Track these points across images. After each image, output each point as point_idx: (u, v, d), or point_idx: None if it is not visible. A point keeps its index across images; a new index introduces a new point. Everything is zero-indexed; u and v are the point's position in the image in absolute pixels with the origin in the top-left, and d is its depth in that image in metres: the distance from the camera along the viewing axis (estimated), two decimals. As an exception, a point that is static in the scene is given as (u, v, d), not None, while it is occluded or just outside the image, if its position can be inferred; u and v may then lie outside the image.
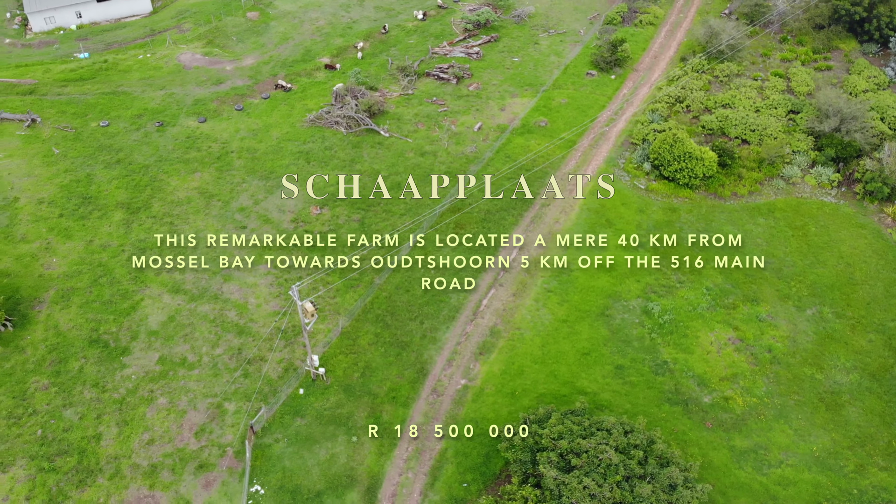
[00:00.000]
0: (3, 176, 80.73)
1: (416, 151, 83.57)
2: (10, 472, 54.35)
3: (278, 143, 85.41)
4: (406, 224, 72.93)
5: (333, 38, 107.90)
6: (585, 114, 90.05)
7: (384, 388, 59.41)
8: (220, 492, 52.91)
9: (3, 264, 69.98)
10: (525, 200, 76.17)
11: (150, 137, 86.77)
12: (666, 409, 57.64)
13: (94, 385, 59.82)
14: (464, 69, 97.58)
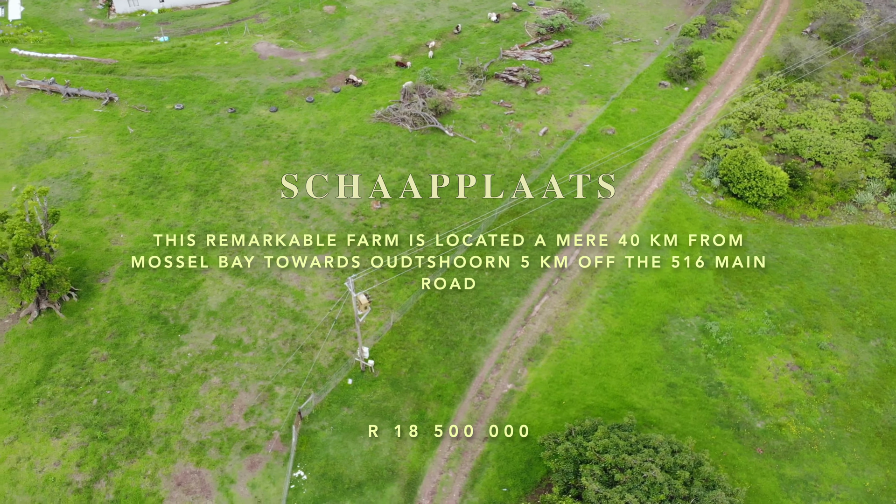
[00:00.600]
0: (79, 151, 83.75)
1: (479, 153, 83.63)
2: (63, 438, 56.37)
3: (345, 137, 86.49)
4: (464, 224, 73.05)
5: (406, 36, 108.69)
6: (655, 124, 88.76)
7: (430, 386, 59.65)
8: (264, 474, 53.91)
9: (73, 236, 72.57)
10: (585, 208, 75.49)
11: (223, 123, 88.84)
12: (716, 432, 56.42)
13: (151, 360, 61.58)
14: (533, 73, 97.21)
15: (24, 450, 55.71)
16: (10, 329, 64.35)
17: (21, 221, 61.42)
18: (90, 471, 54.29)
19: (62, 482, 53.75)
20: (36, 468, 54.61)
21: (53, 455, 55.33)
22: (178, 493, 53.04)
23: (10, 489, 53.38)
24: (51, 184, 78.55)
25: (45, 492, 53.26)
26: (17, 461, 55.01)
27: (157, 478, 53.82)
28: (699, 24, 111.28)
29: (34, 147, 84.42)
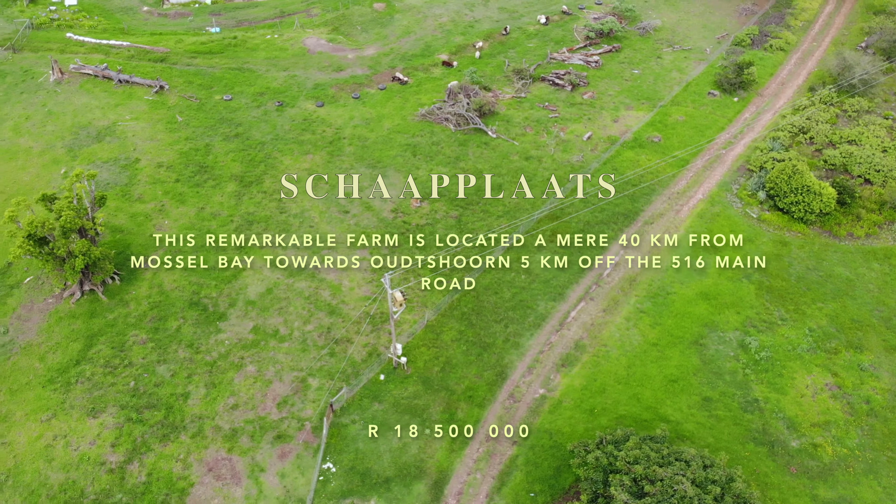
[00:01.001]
0: (129, 137, 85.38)
1: (522, 155, 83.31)
2: (100, 418, 57.49)
3: (388, 134, 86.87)
4: (502, 226, 72.86)
5: (454, 36, 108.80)
6: (703, 134, 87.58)
7: (462, 386, 59.59)
8: (294, 464, 54.38)
9: (119, 220, 73.97)
10: (627, 215, 74.77)
11: (269, 116, 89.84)
12: (750, 448, 55.44)
13: (189, 345, 62.50)
14: (580, 77, 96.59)
15: (60, 428, 56.95)
16: (53, 309, 65.83)
17: (69, 203, 62.77)
18: (124, 452, 55.30)
19: (96, 461, 54.83)
20: (71, 446, 55.78)
21: (89, 434, 56.47)
22: (209, 478, 53.77)
23: (45, 466, 54.62)
24: (99, 168, 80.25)
25: (79, 470, 54.38)
26: (53, 438, 56.26)
27: (188, 462, 54.64)
28: (752, 35, 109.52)
29: (84, 131, 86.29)
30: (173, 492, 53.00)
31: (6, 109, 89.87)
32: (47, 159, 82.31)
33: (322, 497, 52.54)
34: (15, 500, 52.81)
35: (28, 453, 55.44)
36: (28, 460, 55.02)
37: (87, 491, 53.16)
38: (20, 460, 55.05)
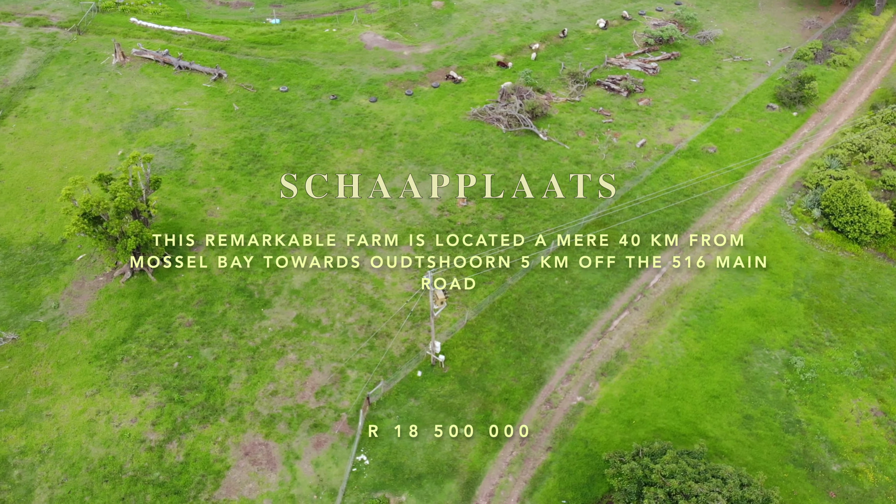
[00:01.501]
0: (186, 122, 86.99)
1: (572, 159, 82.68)
2: (142, 397, 58.73)
3: (439, 132, 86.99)
4: (548, 230, 72.41)
5: (510, 37, 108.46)
6: (759, 147, 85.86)
7: (498, 388, 59.40)
8: (329, 453, 54.84)
9: (172, 204, 75.43)
10: (677, 225, 73.67)
11: (323, 109, 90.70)
12: (789, 470, 54.20)
13: (233, 330, 63.45)
14: (637, 83, 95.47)
15: (104, 404, 58.33)
16: (104, 287, 67.42)
17: (124, 185, 64.20)
18: (164, 431, 56.40)
19: (137, 439, 56.02)
20: (113, 422, 57.08)
21: (131, 412, 57.72)
22: (245, 462, 54.53)
23: (87, 440, 55.99)
24: (155, 151, 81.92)
25: (119, 446, 55.62)
26: (96, 414, 57.64)
27: (226, 445, 55.48)
28: (815, 49, 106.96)
29: (143, 115, 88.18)
30: (209, 473, 53.89)
31: (68, 90, 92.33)
32: (105, 140, 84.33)
33: (354, 489, 52.90)
34: (56, 471, 54.26)
35: (71, 427, 56.91)
36: (70, 433, 56.47)
37: (125, 467, 54.35)
38: (63, 433, 56.54)
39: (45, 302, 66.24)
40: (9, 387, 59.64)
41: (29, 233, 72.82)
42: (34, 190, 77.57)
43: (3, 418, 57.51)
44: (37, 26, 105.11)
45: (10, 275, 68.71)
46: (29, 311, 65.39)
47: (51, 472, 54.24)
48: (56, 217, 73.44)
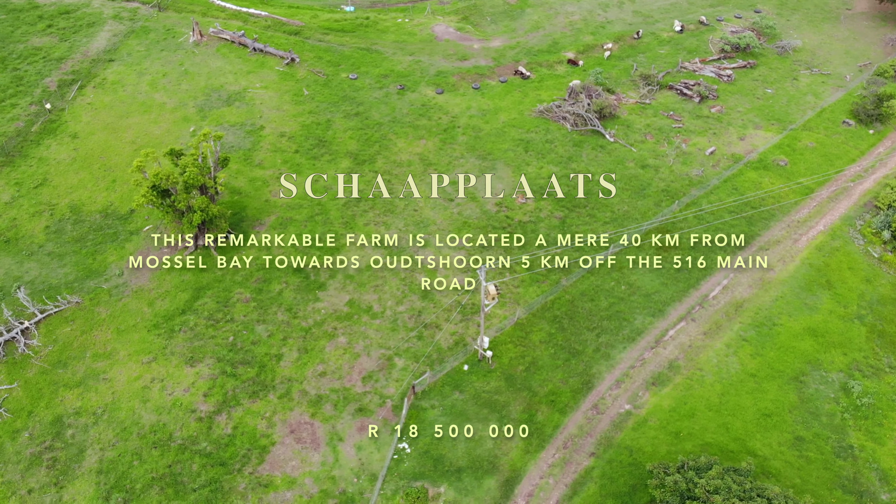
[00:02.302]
0: (256, 104, 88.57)
1: (638, 163, 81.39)
2: (196, 367, 60.18)
3: (503, 128, 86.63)
4: (608, 233, 71.50)
5: (583, 35, 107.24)
6: (832, 163, 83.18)
7: (545, 389, 59.01)
8: (371, 438, 55.36)
9: (238, 183, 76.95)
10: (743, 239, 71.88)
11: (390, 98, 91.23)
12: (837, 496, 52.53)
13: (288, 310, 64.48)
14: (710, 89, 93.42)
15: (159, 372, 59.96)
16: (168, 258, 69.20)
17: (194, 161, 65.69)
18: (215, 403, 57.71)
19: (188, 408, 57.45)
20: (167, 391, 58.65)
21: (185, 382, 59.21)
22: (290, 440, 55.45)
23: (140, 405, 57.67)
24: (226, 130, 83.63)
25: (170, 414, 57.13)
26: (151, 381, 59.30)
27: (273, 421, 56.49)
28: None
29: (216, 94, 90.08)
30: (255, 448, 54.96)
31: (146, 64, 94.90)
32: (178, 116, 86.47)
33: (394, 476, 53.29)
34: (108, 434, 56.04)
35: (126, 392, 58.68)
36: (125, 398, 58.24)
37: (175, 435, 55.82)
38: (118, 397, 58.34)
39: (109, 269, 68.39)
40: (69, 349, 61.79)
41: (99, 201, 75.24)
42: (107, 160, 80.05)
43: (61, 379, 59.65)
44: (119, 1, 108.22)
45: (79, 240, 71.12)
46: (94, 277, 67.60)
47: (103, 435, 56.05)
48: (126, 187, 75.70)
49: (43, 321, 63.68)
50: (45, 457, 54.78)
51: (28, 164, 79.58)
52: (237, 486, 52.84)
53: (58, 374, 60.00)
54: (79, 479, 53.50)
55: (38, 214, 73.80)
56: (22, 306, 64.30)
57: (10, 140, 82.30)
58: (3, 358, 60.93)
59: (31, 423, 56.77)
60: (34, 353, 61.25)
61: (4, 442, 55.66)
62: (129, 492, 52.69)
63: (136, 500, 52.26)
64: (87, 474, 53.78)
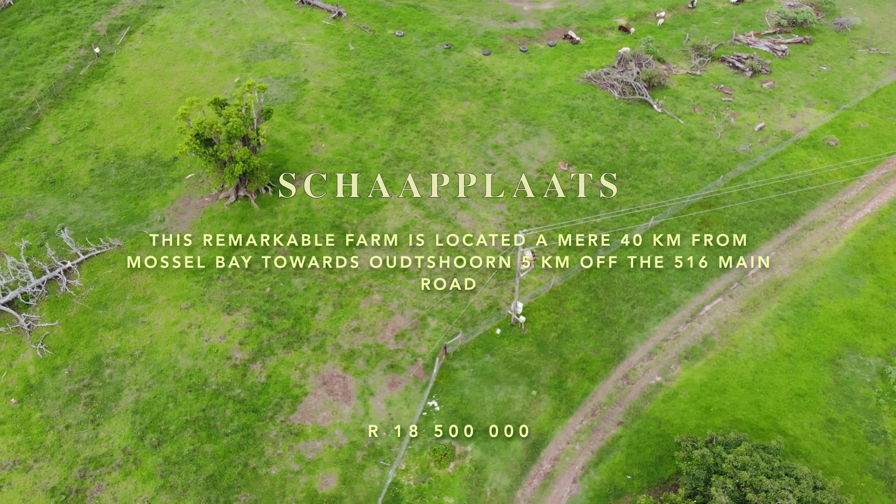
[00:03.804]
0: (301, 57, 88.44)
1: (685, 135, 79.93)
2: (233, 316, 61.09)
3: (549, 93, 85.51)
4: (649, 205, 70.61)
5: (637, 2, 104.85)
6: (884, 145, 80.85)
7: (576, 357, 58.92)
8: (402, 395, 55.94)
9: (280, 136, 77.23)
10: (786, 216, 70.54)
11: (436, 57, 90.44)
12: (867, 480, 51.98)
13: (325, 264, 64.98)
14: (763, 64, 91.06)
15: (196, 318, 60.99)
16: (208, 207, 70.00)
17: (237, 111, 65.98)
18: (250, 351, 58.65)
19: (223, 355, 58.47)
20: (203, 337, 59.70)
21: (221, 329, 60.18)
22: (322, 391, 56.25)
23: (177, 350, 58.83)
24: (270, 83, 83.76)
25: (206, 360, 58.21)
26: (188, 326, 60.37)
27: (306, 372, 57.31)
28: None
29: (262, 45, 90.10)
30: (288, 397, 55.88)
31: (194, 13, 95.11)
32: (224, 66, 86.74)
33: (423, 432, 53.88)
34: (144, 375, 57.34)
35: (163, 336, 59.85)
36: (162, 342, 59.43)
37: (210, 380, 56.93)
38: (155, 340, 59.55)
39: (151, 214, 69.38)
40: (110, 290, 63.05)
41: (143, 147, 76.11)
42: (152, 106, 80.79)
43: (101, 319, 60.98)
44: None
45: (122, 185, 72.16)
46: (136, 222, 68.66)
47: (140, 376, 57.36)
48: (170, 135, 76.42)
49: (85, 262, 64.99)
50: (84, 394, 56.28)
51: (75, 107, 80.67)
52: (269, 433, 53.87)
53: (98, 314, 61.35)
54: (115, 418, 54.94)
55: (84, 157, 74.95)
56: (65, 246, 65.65)
57: (59, 82, 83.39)
58: (46, 296, 62.41)
59: (71, 361, 58.27)
60: (76, 293, 62.63)
61: (44, 378, 57.27)
62: (164, 433, 54.01)
63: (169, 440, 53.57)
64: (123, 413, 55.19)
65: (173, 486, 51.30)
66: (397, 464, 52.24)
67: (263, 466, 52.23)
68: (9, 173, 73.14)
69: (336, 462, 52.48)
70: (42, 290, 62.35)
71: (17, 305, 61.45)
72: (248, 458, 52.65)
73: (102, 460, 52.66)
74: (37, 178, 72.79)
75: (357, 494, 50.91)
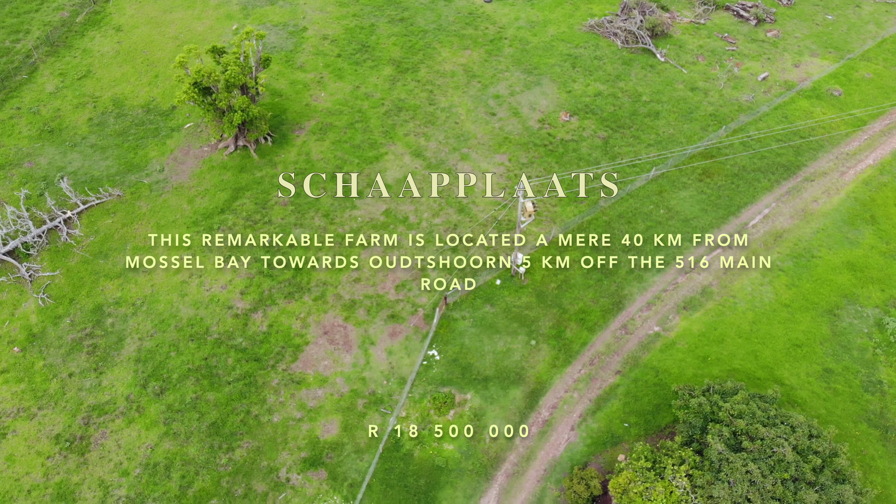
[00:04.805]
0: (300, 4, 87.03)
1: (688, 85, 79.12)
2: (234, 266, 61.21)
3: (551, 41, 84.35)
4: (651, 155, 70.25)
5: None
6: (887, 96, 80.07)
7: (575, 307, 59.26)
8: (402, 344, 56.43)
9: (279, 85, 76.43)
10: (788, 167, 70.24)
11: (436, 5, 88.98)
12: (862, 429, 52.74)
13: (325, 215, 64.92)
14: (768, 12, 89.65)
15: (197, 268, 61.15)
16: (207, 157, 69.65)
17: (235, 59, 65.18)
18: (251, 301, 58.96)
19: (225, 304, 58.80)
20: (204, 286, 59.96)
21: (222, 279, 60.41)
22: (323, 340, 56.72)
23: (178, 299, 59.13)
24: (269, 30, 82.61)
25: (207, 309, 58.55)
26: (189, 276, 60.58)
27: (307, 322, 57.71)
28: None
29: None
30: (289, 346, 56.37)
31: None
32: (222, 13, 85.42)
33: (423, 380, 54.50)
34: (146, 325, 57.74)
35: (165, 285, 60.11)
36: (164, 292, 59.71)
37: (211, 329, 57.35)
38: (156, 290, 59.82)
39: (150, 164, 69.08)
40: (110, 240, 63.13)
41: (141, 96, 75.41)
42: (150, 54, 79.81)
43: (102, 269, 61.18)
44: None
45: (121, 134, 71.68)
46: (135, 171, 68.40)
47: (142, 325, 57.77)
48: (168, 83, 75.66)
49: (85, 212, 64.93)
50: (86, 343, 56.76)
51: (72, 55, 79.72)
52: (270, 381, 54.50)
53: (99, 264, 61.53)
54: (118, 366, 55.50)
55: (82, 106, 74.32)
56: (65, 196, 65.54)
57: (55, 30, 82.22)
58: (46, 246, 62.51)
59: (73, 311, 58.63)
60: (76, 243, 62.72)
61: (47, 327, 57.69)
62: (166, 381, 54.62)
63: (172, 389, 54.22)
64: (126, 362, 55.74)
65: (176, 434, 52.08)
66: (398, 411, 52.97)
67: (265, 414, 52.97)
68: (7, 122, 72.62)
69: (337, 410, 53.19)
70: (42, 239, 62.42)
71: (17, 255, 61.61)
72: (251, 405, 53.35)
73: (106, 408, 53.37)
74: (35, 127, 72.29)
75: (358, 441, 51.72)
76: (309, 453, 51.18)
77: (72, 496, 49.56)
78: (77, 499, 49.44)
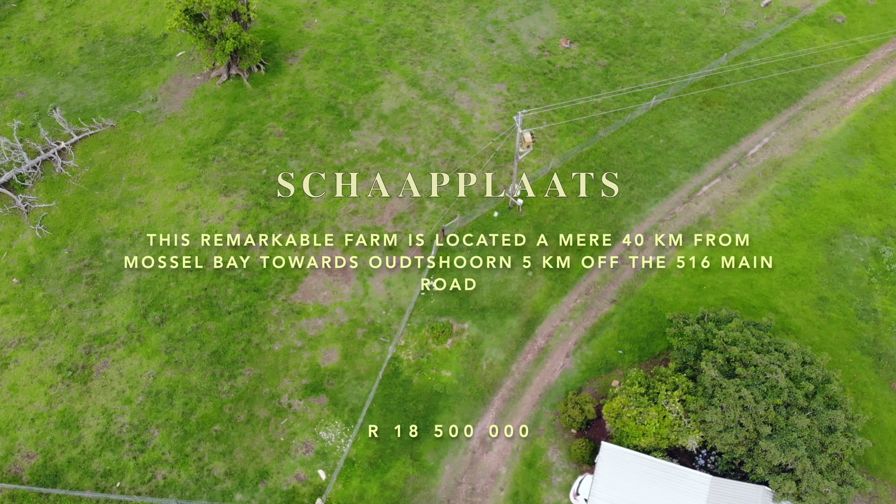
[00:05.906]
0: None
1: (690, 11, 77.41)
2: (231, 197, 61.03)
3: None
4: (651, 83, 69.32)
5: None
6: (891, 23, 78.52)
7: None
8: (400, 275, 56.75)
9: (271, 11, 74.76)
10: (788, 96, 69.41)
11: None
12: (855, 356, 53.58)
13: (321, 147, 64.37)
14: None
15: (193, 199, 60.96)
16: (200, 86, 68.63)
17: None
18: (248, 232, 58.95)
19: (223, 235, 58.75)
20: (202, 217, 59.85)
21: (219, 210, 60.26)
22: (322, 272, 56.97)
23: (176, 230, 59.11)
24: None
25: (205, 240, 58.55)
26: (186, 207, 60.42)
27: (306, 253, 57.82)
28: None
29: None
30: (288, 277, 56.65)
31: None
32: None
33: (421, 310, 55.00)
34: (144, 255, 57.83)
35: (161, 216, 59.99)
36: (161, 222, 59.63)
37: (210, 260, 57.48)
38: (154, 221, 59.74)
39: (143, 94, 68.11)
40: (105, 171, 62.73)
41: (132, 23, 73.81)
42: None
43: (98, 200, 60.96)
44: None
45: (112, 63, 70.45)
46: (128, 101, 67.50)
47: (140, 255, 57.85)
48: (159, 10, 73.94)
49: (79, 143, 64.31)
50: (85, 274, 56.97)
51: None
52: (271, 311, 54.95)
53: (94, 195, 61.28)
54: (117, 297, 55.84)
55: (72, 35, 72.81)
56: (58, 127, 64.81)
57: (40, -45, 79.85)
58: (41, 177, 62.13)
59: (70, 242, 58.65)
60: (71, 174, 62.33)
61: (45, 258, 57.80)
62: (166, 311, 55.05)
63: (172, 318, 54.69)
64: (125, 292, 56.06)
65: (178, 362, 52.77)
66: (397, 340, 53.61)
67: (266, 342, 53.59)
68: (-6, 52, 71.28)
69: (337, 338, 53.82)
70: (37, 171, 62.00)
71: (13, 186, 61.27)
72: (251, 334, 53.93)
73: (107, 337, 53.92)
74: (25, 56, 70.97)
75: (358, 368, 52.49)
76: (310, 380, 52.00)
77: (75, 423, 50.51)
78: (81, 426, 50.41)
